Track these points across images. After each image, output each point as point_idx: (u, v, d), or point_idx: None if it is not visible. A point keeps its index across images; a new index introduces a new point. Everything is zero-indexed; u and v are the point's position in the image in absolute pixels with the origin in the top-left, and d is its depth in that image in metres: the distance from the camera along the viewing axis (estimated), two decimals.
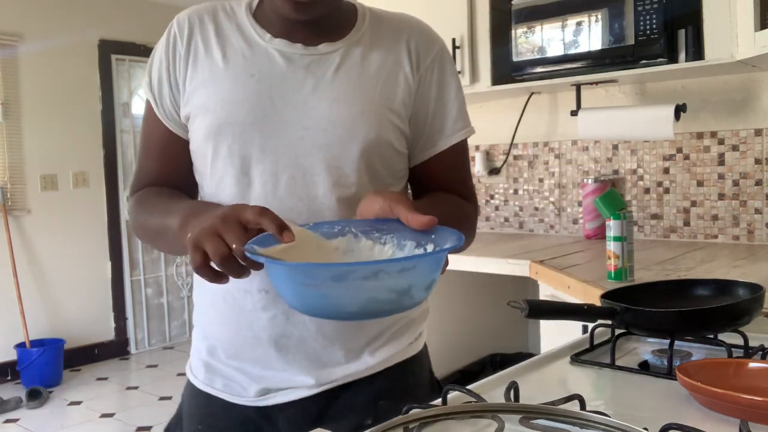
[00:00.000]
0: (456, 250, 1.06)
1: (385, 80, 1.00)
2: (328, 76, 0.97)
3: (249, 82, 0.96)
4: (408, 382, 1.06)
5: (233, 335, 1.01)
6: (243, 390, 1.01)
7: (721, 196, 2.24)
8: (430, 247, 0.78)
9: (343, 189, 0.97)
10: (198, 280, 1.03)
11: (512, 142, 2.72)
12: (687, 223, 2.32)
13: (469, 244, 1.07)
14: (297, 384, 0.99)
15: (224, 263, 0.75)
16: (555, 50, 2.22)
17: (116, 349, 4.75)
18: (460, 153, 1.09)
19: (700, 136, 2.28)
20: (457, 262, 2.16)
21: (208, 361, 1.05)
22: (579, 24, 2.15)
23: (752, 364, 0.77)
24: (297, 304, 0.73)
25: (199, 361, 1.07)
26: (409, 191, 1.11)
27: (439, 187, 1.08)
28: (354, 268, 0.71)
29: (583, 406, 0.67)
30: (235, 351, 1.01)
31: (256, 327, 0.98)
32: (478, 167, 2.80)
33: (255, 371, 1.00)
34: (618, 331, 0.94)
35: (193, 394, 1.07)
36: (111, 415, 3.69)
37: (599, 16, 2.10)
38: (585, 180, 2.48)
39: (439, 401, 0.72)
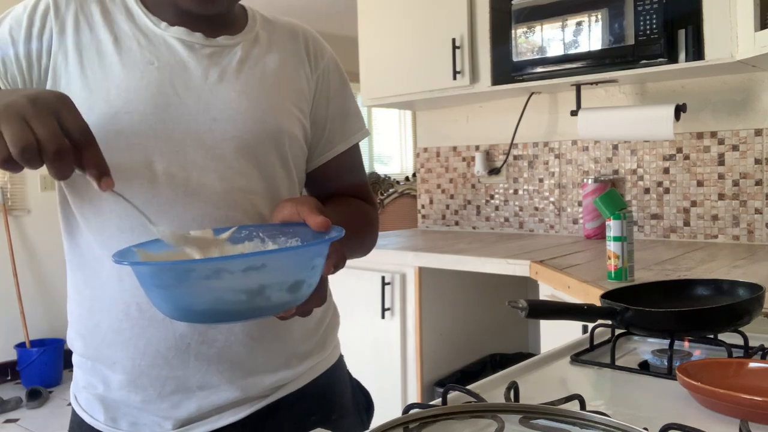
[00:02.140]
0: (361, 252, 1.08)
1: (288, 77, 0.99)
2: (233, 67, 0.93)
3: (148, 70, 0.88)
4: (333, 390, 1.04)
5: (140, 353, 0.88)
6: (158, 428, 0.90)
7: (721, 196, 2.24)
8: None
9: (258, 184, 0.92)
10: (81, 292, 0.92)
11: (512, 142, 2.72)
12: (687, 223, 2.32)
13: (373, 246, 1.09)
14: (220, 403, 0.90)
15: (28, 158, 0.63)
16: (555, 50, 2.22)
17: None
18: (356, 155, 1.10)
19: (700, 136, 2.28)
20: (458, 262, 2.17)
21: (104, 395, 0.92)
22: (579, 24, 2.15)
23: (752, 364, 0.77)
24: (159, 306, 0.69)
25: (92, 397, 0.93)
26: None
27: (338, 191, 1.07)
28: (193, 266, 0.66)
29: (583, 406, 0.67)
30: (142, 375, 0.89)
31: (171, 338, 0.87)
32: (478, 167, 2.80)
33: (166, 400, 0.89)
34: (618, 331, 0.94)
35: None
36: None
37: (599, 16, 2.10)
38: (585, 180, 2.48)
39: (439, 401, 0.72)
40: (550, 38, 2.23)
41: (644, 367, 0.88)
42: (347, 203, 1.06)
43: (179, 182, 0.87)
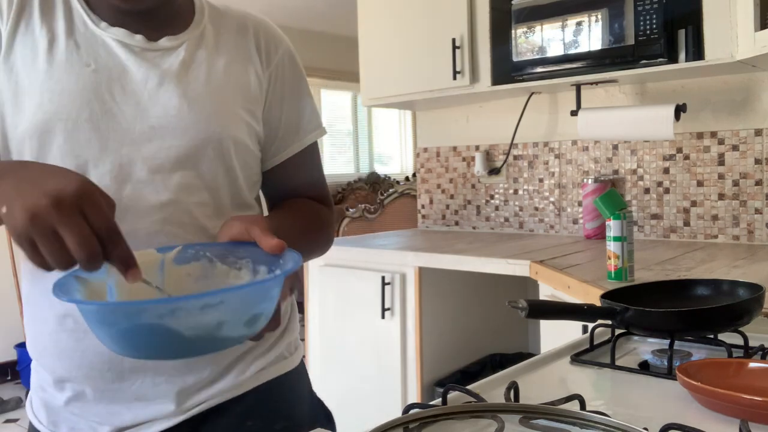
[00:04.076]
0: (315, 255, 1.05)
1: (237, 77, 0.93)
2: (174, 71, 0.87)
3: (84, 73, 0.83)
4: (284, 398, 0.99)
5: (76, 365, 0.86)
6: None
7: (721, 196, 2.24)
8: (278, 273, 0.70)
9: (199, 195, 0.88)
10: (26, 298, 0.92)
11: (512, 142, 2.72)
12: (687, 223, 2.32)
13: (328, 248, 1.06)
14: (155, 415, 0.88)
15: (63, 267, 0.62)
16: (555, 50, 2.22)
17: None
18: (313, 154, 1.05)
19: (700, 136, 2.28)
20: (458, 263, 2.17)
21: (47, 399, 0.91)
22: (579, 24, 2.15)
23: (752, 364, 0.77)
24: (104, 343, 0.64)
25: (39, 400, 0.93)
26: (263, 198, 1.06)
27: (294, 192, 1.03)
28: (145, 307, 0.61)
29: (583, 406, 0.67)
30: (79, 385, 0.88)
31: (107, 351, 0.79)
32: (478, 167, 2.80)
33: (102, 409, 0.88)
34: (618, 331, 0.94)
35: None
36: None
37: (599, 16, 2.10)
38: (585, 180, 2.48)
39: (439, 401, 0.72)
40: (550, 38, 2.23)
41: (644, 367, 0.88)
42: (298, 208, 1.01)
43: (112, 194, 0.77)
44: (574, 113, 2.38)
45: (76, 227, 0.60)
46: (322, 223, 1.04)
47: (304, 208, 1.02)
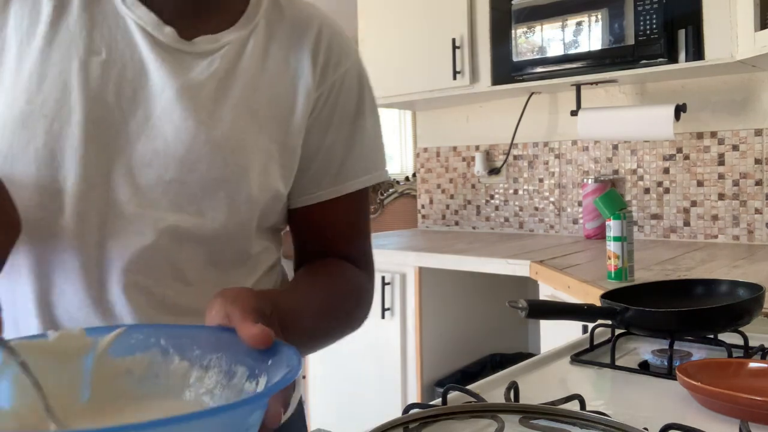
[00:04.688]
0: (338, 339, 0.75)
1: (280, 101, 0.72)
2: (199, 84, 0.68)
3: (91, 63, 0.64)
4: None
5: None
6: None
7: (721, 196, 2.24)
8: (262, 381, 0.46)
9: (192, 245, 0.67)
10: None
11: (512, 142, 2.72)
12: (687, 223, 2.32)
13: (362, 324, 0.82)
14: None
15: None
16: (555, 50, 2.22)
17: None
18: (358, 203, 0.80)
19: (700, 136, 2.28)
20: (458, 263, 2.17)
21: None
22: (579, 24, 2.15)
23: (752, 364, 0.77)
24: None
25: None
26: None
27: (326, 244, 0.80)
28: None
29: (583, 406, 0.67)
30: None
31: None
32: (478, 167, 2.80)
33: None
34: (618, 331, 0.94)
35: None
36: None
37: (599, 16, 2.10)
38: (585, 180, 2.48)
39: (439, 401, 0.72)
40: (550, 38, 2.23)
41: (644, 367, 0.88)
42: (327, 277, 0.77)
43: (84, 229, 0.64)
44: (574, 113, 2.38)
45: None
46: (356, 301, 0.80)
47: (334, 278, 0.78)
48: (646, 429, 0.58)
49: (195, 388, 0.50)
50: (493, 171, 2.80)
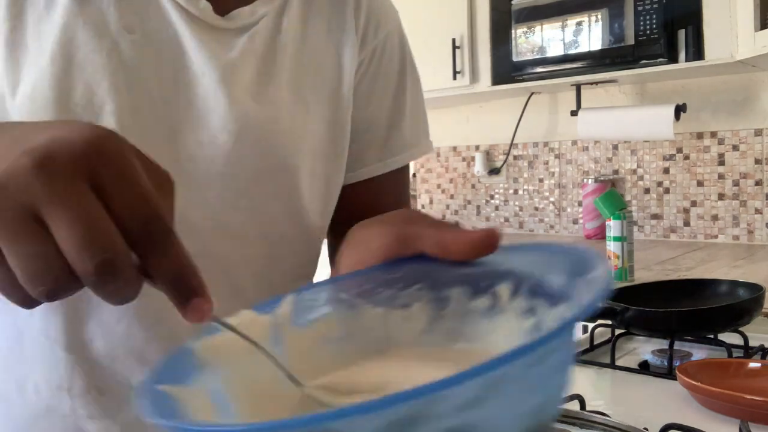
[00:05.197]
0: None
1: (326, 70, 0.65)
2: (242, 64, 0.60)
3: (122, 42, 0.55)
4: None
5: None
6: None
7: (721, 196, 2.24)
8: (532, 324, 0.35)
9: (242, 243, 0.61)
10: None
11: (512, 142, 2.72)
12: (687, 223, 2.31)
13: None
14: None
15: (50, 281, 0.30)
16: (555, 50, 2.22)
17: None
18: (400, 179, 0.74)
19: (700, 136, 2.28)
20: None
21: None
22: (579, 24, 2.15)
23: (752, 364, 0.78)
24: None
25: None
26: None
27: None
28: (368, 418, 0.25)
29: (583, 406, 0.67)
30: None
31: None
32: (478, 167, 2.80)
33: None
34: (618, 331, 0.95)
35: None
36: None
37: (599, 16, 2.10)
38: (585, 180, 2.48)
39: None
40: (550, 38, 2.23)
41: (644, 367, 0.88)
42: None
43: None
44: (574, 113, 2.38)
45: (77, 206, 0.30)
46: None
47: None
48: (646, 429, 0.58)
49: (405, 339, 0.39)
50: (493, 171, 2.80)
